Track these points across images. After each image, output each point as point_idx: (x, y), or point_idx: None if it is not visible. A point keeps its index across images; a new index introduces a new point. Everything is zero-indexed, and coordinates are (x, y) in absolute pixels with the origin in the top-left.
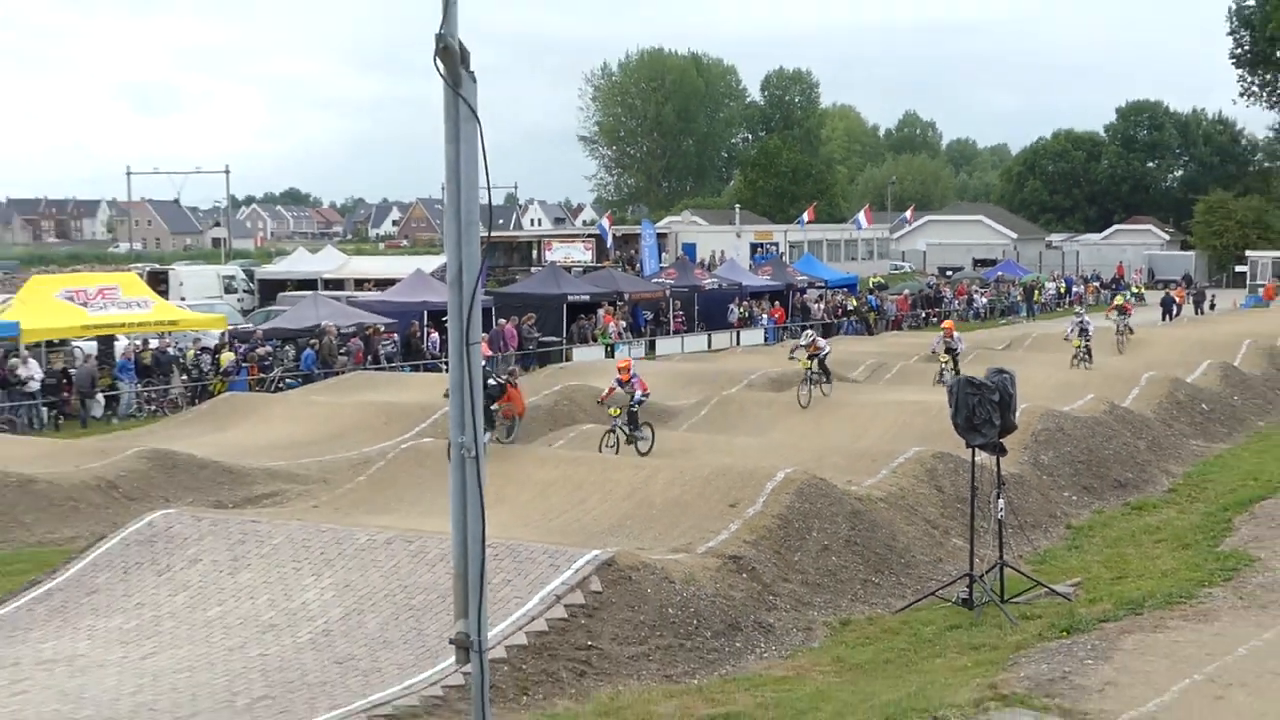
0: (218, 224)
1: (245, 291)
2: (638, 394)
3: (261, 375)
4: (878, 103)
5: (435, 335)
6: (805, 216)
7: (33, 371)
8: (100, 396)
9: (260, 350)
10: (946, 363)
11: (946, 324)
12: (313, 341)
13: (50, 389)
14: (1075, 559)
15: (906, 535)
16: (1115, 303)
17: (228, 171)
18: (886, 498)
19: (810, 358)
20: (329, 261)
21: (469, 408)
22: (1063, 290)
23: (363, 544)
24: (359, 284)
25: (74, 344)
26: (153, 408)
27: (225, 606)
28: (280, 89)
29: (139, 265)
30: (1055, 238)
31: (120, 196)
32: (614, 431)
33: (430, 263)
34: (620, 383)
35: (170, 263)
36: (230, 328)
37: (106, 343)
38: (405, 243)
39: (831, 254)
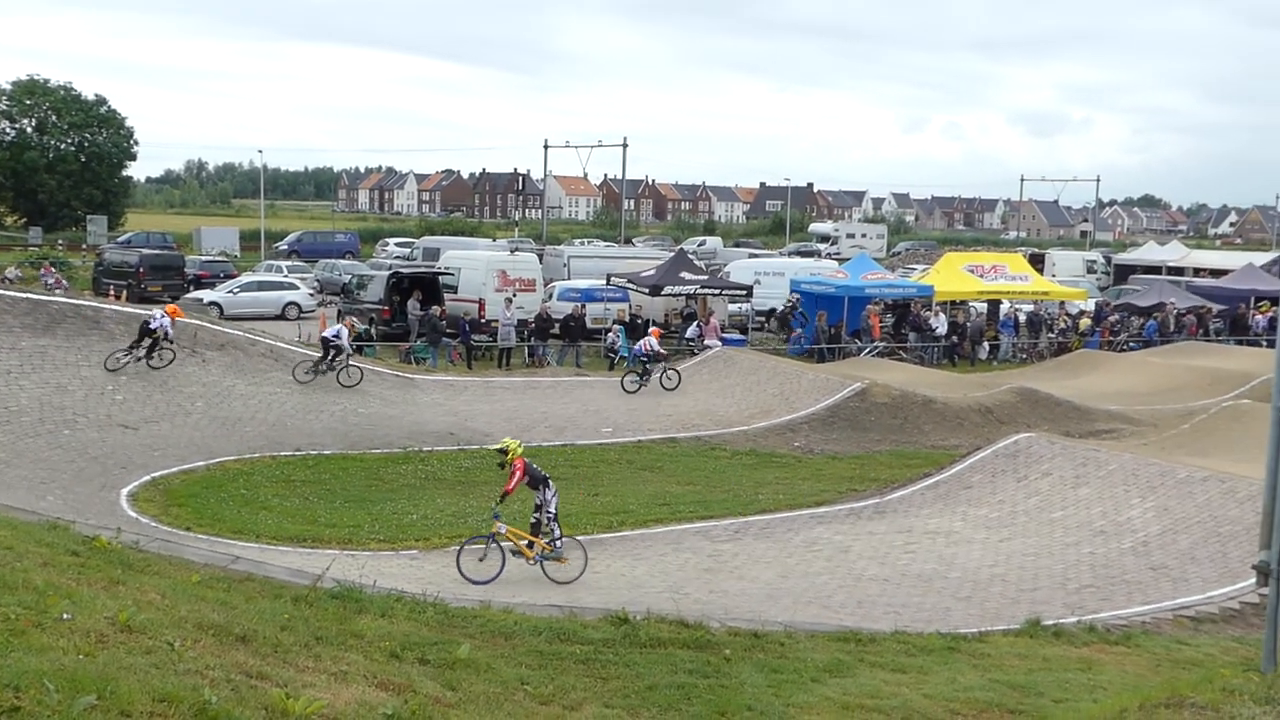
0: (1085, 220)
1: (1103, 273)
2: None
3: (1110, 338)
4: None
5: (1259, 317)
6: None
7: (940, 322)
8: (985, 344)
9: (1111, 319)
10: None
11: None
12: (1155, 315)
13: (950, 335)
14: None
15: None
16: None
17: (1098, 180)
18: None
19: None
20: (1173, 253)
21: None
22: None
23: (1182, 478)
24: (1196, 272)
25: (970, 304)
26: (1024, 356)
27: (1066, 512)
28: (1144, 116)
29: (1023, 248)
30: None
31: (1013, 197)
32: None
33: (1260, 258)
34: None
35: (1046, 248)
36: (1089, 300)
37: (994, 305)
38: (1239, 241)
39: None
